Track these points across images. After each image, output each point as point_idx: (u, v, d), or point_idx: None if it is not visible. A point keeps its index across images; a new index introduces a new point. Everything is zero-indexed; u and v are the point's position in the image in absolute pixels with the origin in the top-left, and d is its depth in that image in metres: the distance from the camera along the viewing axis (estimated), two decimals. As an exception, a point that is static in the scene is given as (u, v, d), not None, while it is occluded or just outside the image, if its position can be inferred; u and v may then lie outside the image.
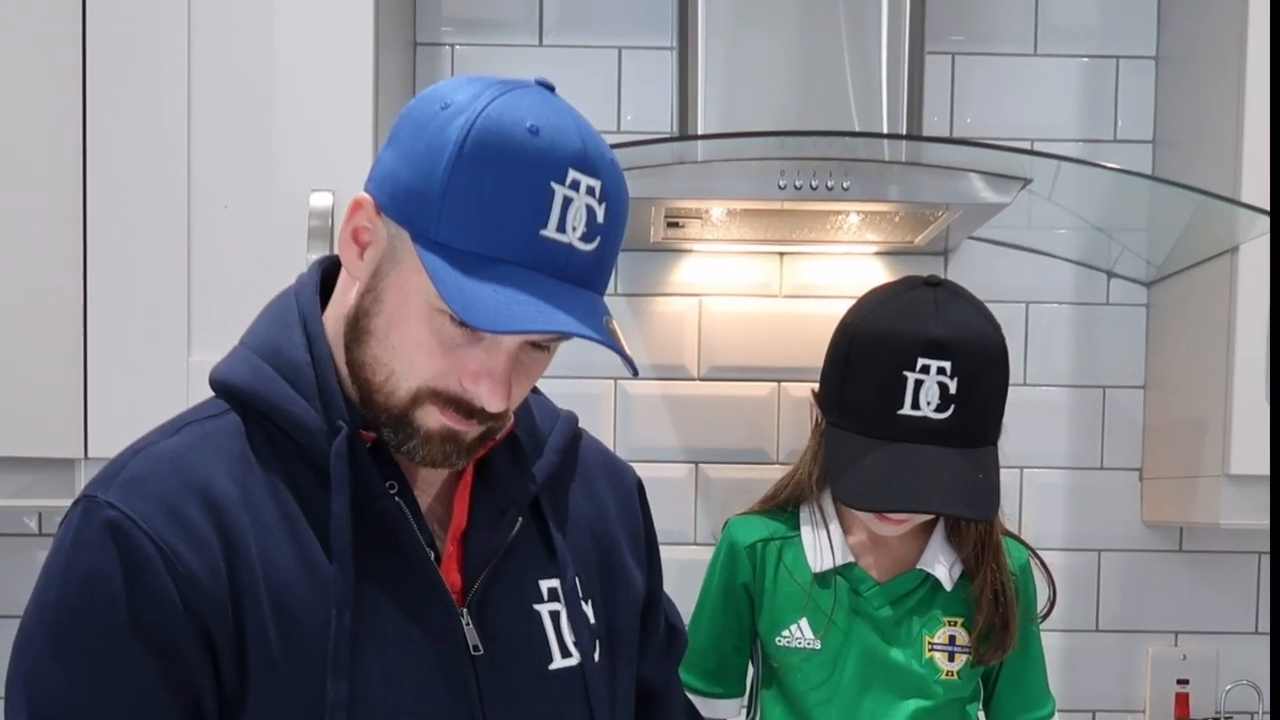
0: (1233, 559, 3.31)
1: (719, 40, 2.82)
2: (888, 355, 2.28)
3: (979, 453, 2.31)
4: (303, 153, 2.62)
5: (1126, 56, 3.27)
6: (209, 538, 1.62)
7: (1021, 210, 2.88)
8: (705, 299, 3.27)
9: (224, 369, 1.77)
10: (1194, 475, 2.96)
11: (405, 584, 1.71)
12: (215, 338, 2.51)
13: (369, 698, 1.65)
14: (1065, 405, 3.30)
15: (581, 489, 1.98)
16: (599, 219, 1.61)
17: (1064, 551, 3.28)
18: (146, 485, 1.63)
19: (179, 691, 1.61)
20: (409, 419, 1.67)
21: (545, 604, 1.83)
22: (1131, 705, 3.33)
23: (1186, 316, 3.06)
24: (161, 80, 2.60)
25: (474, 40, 3.23)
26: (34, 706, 1.60)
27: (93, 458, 2.60)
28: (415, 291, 1.60)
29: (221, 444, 1.70)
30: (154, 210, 2.61)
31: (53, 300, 2.56)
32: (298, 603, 1.64)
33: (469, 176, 1.55)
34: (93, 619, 1.59)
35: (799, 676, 2.46)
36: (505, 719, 1.74)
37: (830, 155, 2.63)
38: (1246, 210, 2.62)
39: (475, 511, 1.82)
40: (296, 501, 1.69)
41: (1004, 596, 2.44)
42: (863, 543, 2.47)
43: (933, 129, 3.23)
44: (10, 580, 3.12)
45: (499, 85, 1.61)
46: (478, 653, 1.74)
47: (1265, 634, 3.29)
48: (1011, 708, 2.57)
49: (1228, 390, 2.80)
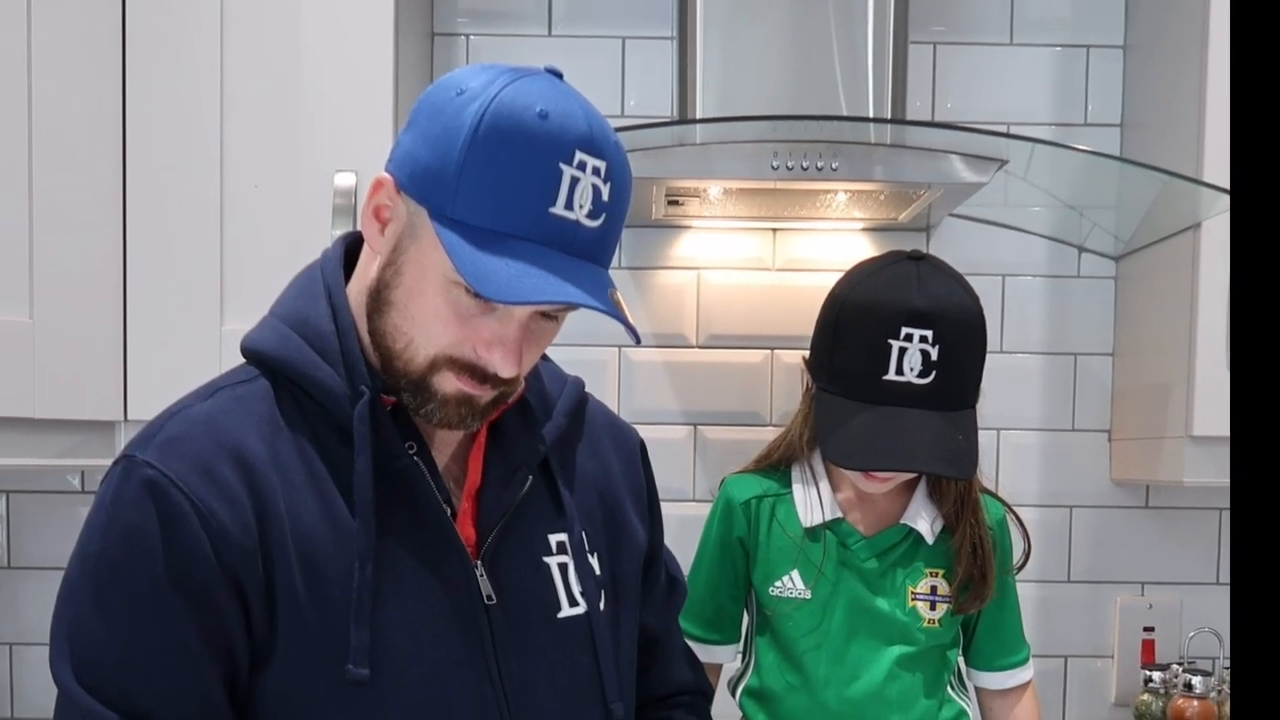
0: (1195, 515, 3.31)
1: (716, 30, 2.82)
2: (873, 324, 2.27)
3: (959, 415, 2.31)
4: (327, 135, 2.62)
5: (1096, 46, 3.27)
6: (240, 495, 1.63)
7: (998, 189, 2.88)
8: (703, 272, 3.27)
9: (254, 337, 1.78)
10: (1159, 436, 2.96)
11: (423, 538, 1.72)
12: (246, 308, 2.51)
13: (389, 644, 1.66)
14: (1039, 371, 3.30)
15: (588, 449, 1.99)
16: (604, 197, 1.62)
17: (1038, 508, 3.28)
18: (182, 446, 1.64)
19: (213, 639, 1.62)
20: (427, 384, 1.67)
21: (554, 556, 1.84)
22: (1101, 651, 3.33)
23: (1152, 288, 3.06)
24: (196, 69, 2.60)
25: (487, 31, 3.22)
26: (76, 653, 1.61)
27: (132, 420, 2.60)
28: (433, 265, 1.61)
29: (252, 407, 1.70)
30: (188, 190, 2.61)
31: (95, 274, 2.56)
32: (323, 555, 1.65)
33: (483, 158, 1.55)
34: (132, 571, 1.59)
35: (791, 624, 2.46)
36: (516, 664, 1.75)
37: (820, 138, 2.62)
38: (1208, 189, 2.62)
39: (488, 470, 1.82)
40: (322, 461, 1.69)
41: (982, 549, 2.44)
42: (850, 499, 2.47)
43: (915, 113, 3.23)
44: (54, 535, 3.15)
45: (511, 73, 1.62)
46: (491, 602, 1.74)
47: (1225, 585, 3.28)
48: (989, 653, 2.57)
49: (1191, 357, 2.80)
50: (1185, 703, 3.05)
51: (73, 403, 2.51)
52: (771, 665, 2.50)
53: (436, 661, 1.69)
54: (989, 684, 2.59)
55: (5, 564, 3.18)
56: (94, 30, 2.55)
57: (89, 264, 2.55)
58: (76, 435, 2.55)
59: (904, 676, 2.43)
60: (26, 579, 3.18)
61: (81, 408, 2.53)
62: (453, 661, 1.70)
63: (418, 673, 1.68)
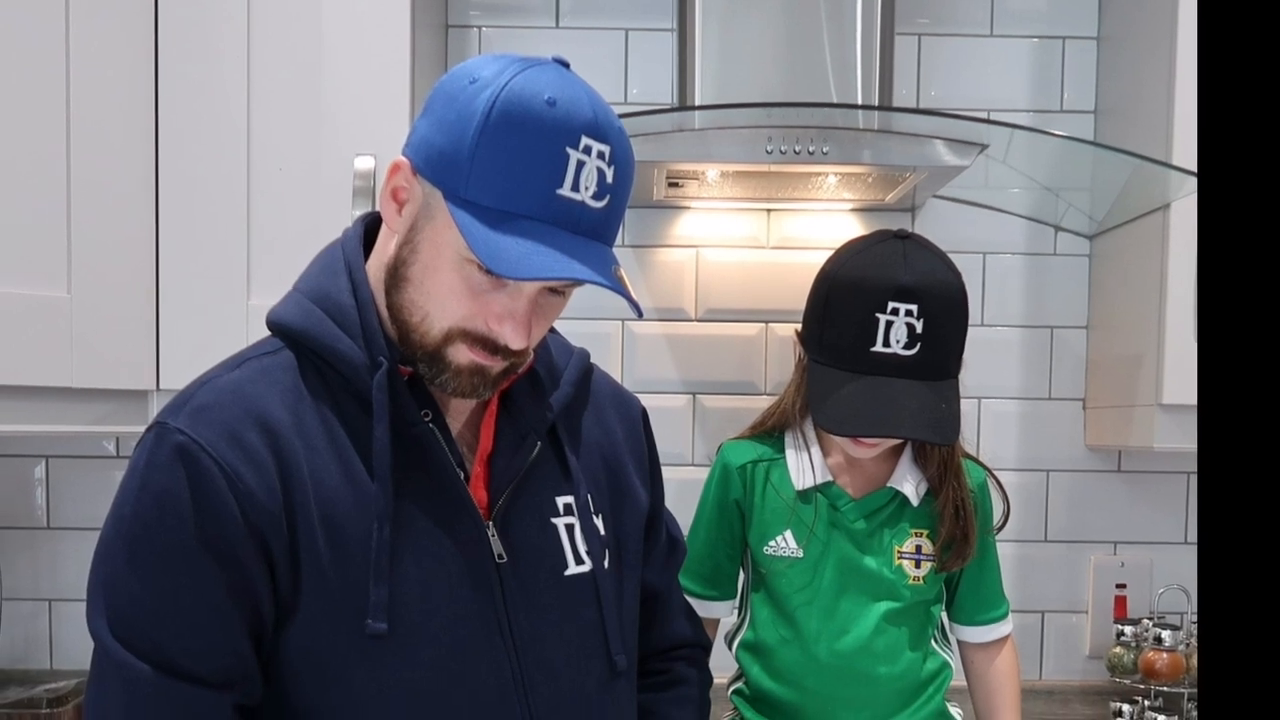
0: (1165, 478, 3.31)
1: (714, 22, 2.81)
2: (862, 299, 2.27)
3: (942, 385, 2.31)
4: (348, 121, 2.61)
5: (1071, 37, 3.26)
6: (266, 460, 1.63)
7: (979, 172, 2.87)
8: (702, 250, 3.26)
9: (279, 311, 1.78)
10: (1131, 404, 2.96)
11: (438, 500, 1.72)
12: (271, 284, 2.52)
13: (406, 600, 1.67)
14: (1018, 343, 3.30)
15: (593, 417, 1.99)
16: (608, 180, 1.62)
17: (1017, 472, 3.28)
18: (211, 413, 1.64)
19: (240, 595, 1.63)
20: (441, 355, 1.68)
21: (561, 518, 1.84)
22: (1076, 606, 3.33)
23: (1124, 265, 3.05)
24: (224, 60, 2.60)
25: (498, 23, 3.21)
26: (112, 609, 1.62)
27: (163, 389, 2.60)
28: (447, 243, 1.62)
29: (277, 377, 1.71)
30: (217, 172, 2.60)
31: (129, 252, 2.56)
32: (344, 517, 1.65)
33: (494, 142, 1.56)
34: (164, 531, 1.60)
35: (784, 581, 2.46)
36: (526, 618, 1.76)
37: (811, 124, 2.62)
38: (1177, 172, 2.62)
39: (499, 437, 1.83)
40: (343, 428, 1.70)
41: (964, 511, 2.45)
42: (840, 464, 2.47)
43: (901, 101, 3.22)
44: (91, 497, 3.16)
45: (520, 62, 1.62)
46: (502, 560, 1.75)
47: (1193, 544, 3.29)
48: (970, 608, 2.57)
49: (1160, 329, 2.80)
50: (1155, 655, 3.05)
51: (108, 373, 2.51)
52: (766, 620, 2.50)
53: (451, 616, 1.70)
54: (970, 638, 2.60)
55: (44, 525, 3.18)
56: (128, 24, 2.55)
57: (123, 243, 2.54)
58: (111, 403, 2.55)
59: (890, 631, 2.43)
60: (64, 539, 3.18)
61: (116, 378, 2.53)
62: (466, 616, 1.71)
63: (433, 627, 1.68)
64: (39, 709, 2.83)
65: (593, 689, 1.83)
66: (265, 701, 1.70)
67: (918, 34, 3.26)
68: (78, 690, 2.94)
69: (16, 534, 3.17)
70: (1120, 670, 3.15)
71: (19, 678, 3.07)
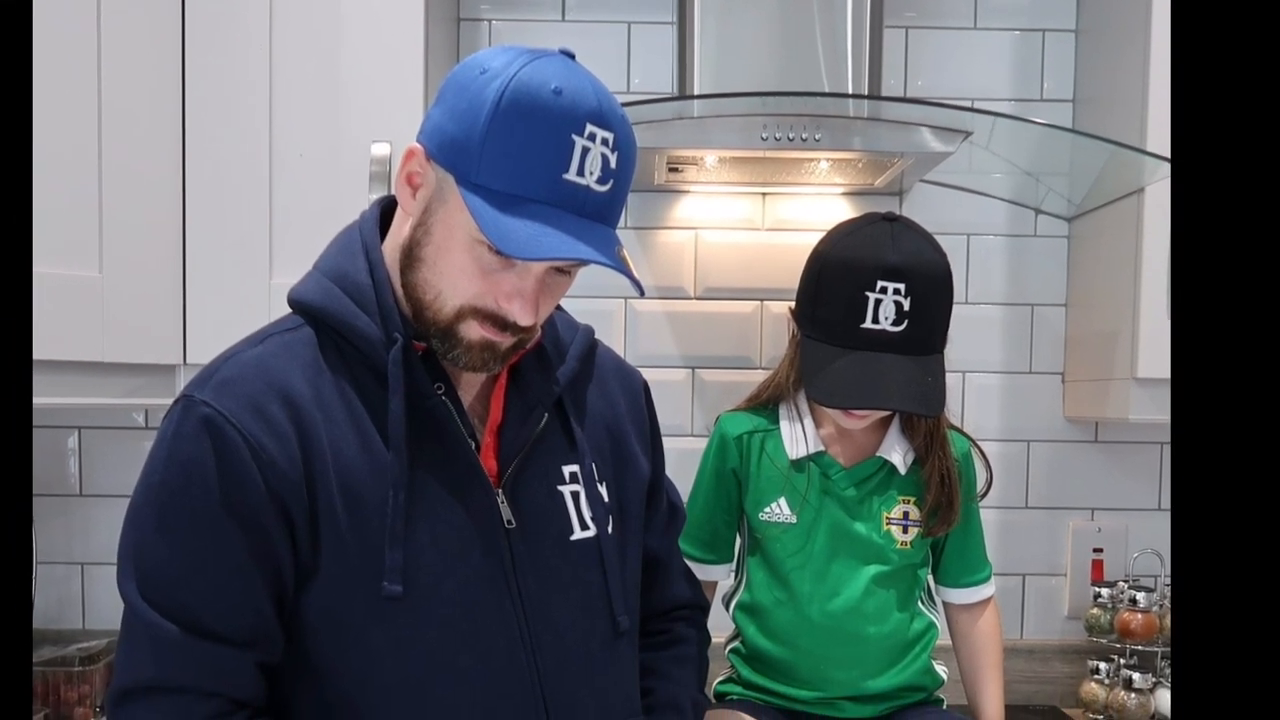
0: (1140, 448, 3.30)
1: (712, 16, 2.81)
2: (852, 278, 2.27)
3: (928, 359, 2.31)
4: (365, 110, 2.61)
5: (1051, 30, 3.25)
6: (287, 431, 1.64)
7: (963, 158, 2.87)
8: (700, 231, 3.26)
9: (300, 290, 1.79)
10: (1107, 378, 2.96)
11: (451, 469, 1.73)
12: (292, 264, 2.51)
13: (420, 563, 1.67)
14: (1000, 320, 3.29)
15: (597, 390, 2.00)
16: (612, 165, 1.63)
17: (999, 442, 3.28)
18: (235, 387, 1.65)
19: (262, 559, 1.64)
20: (453, 331, 1.69)
21: (567, 485, 1.85)
22: (1055, 570, 3.33)
23: (1101, 246, 3.05)
24: (247, 51, 2.59)
25: (508, 16, 3.21)
26: (141, 572, 1.63)
27: (190, 363, 2.60)
28: (459, 225, 1.63)
29: (298, 352, 1.72)
30: (241, 158, 2.60)
31: (158, 234, 2.56)
32: (361, 485, 1.66)
33: (504, 129, 1.57)
34: (190, 498, 1.61)
35: (778, 546, 2.46)
36: (534, 581, 1.76)
37: (804, 112, 2.62)
38: (1151, 158, 2.62)
39: (509, 409, 1.84)
40: (360, 400, 1.71)
41: (949, 479, 2.45)
42: (831, 434, 2.47)
43: (889, 90, 3.21)
44: (121, 466, 3.16)
45: (528, 54, 1.63)
46: (511, 526, 1.76)
47: (1167, 511, 3.29)
48: (955, 571, 2.57)
49: (1135, 307, 2.79)
50: (1130, 616, 3.05)
51: (137, 348, 2.51)
52: (761, 582, 2.50)
53: (462, 579, 1.70)
54: (955, 599, 2.60)
55: (77, 492, 3.18)
56: (157, 19, 2.54)
57: (152, 225, 2.54)
58: (141, 377, 2.55)
59: (879, 593, 2.44)
60: (96, 505, 3.18)
61: (145, 352, 2.53)
62: (477, 579, 1.71)
63: (446, 589, 1.69)
64: (72, 666, 2.84)
65: (596, 647, 1.84)
66: (286, 659, 1.71)
67: (905, 27, 3.25)
68: (109, 649, 2.95)
69: (51, 501, 3.17)
70: (1097, 630, 3.15)
71: (53, 637, 3.07)
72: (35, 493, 3.14)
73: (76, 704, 2.83)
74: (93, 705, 2.84)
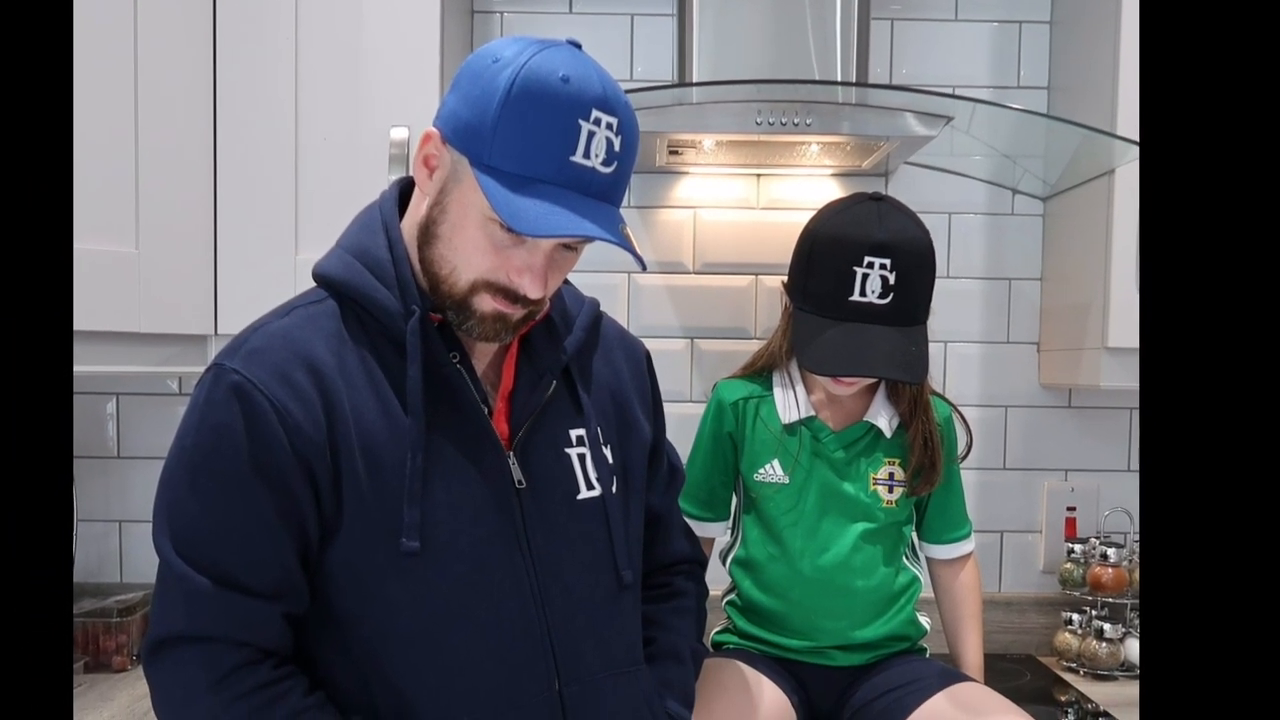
0: (1111, 413, 3.30)
1: (709, 8, 2.80)
2: (841, 254, 2.27)
3: (912, 330, 2.31)
4: (384, 96, 2.61)
5: (1027, 21, 3.24)
6: (312, 397, 1.65)
7: (945, 141, 2.87)
8: (699, 210, 3.25)
9: (323, 265, 1.79)
10: (1080, 348, 2.96)
11: (465, 432, 1.73)
12: (317, 240, 2.53)
13: (436, 521, 1.68)
14: (979, 293, 3.29)
15: (602, 358, 2.00)
16: (616, 148, 1.63)
17: (978, 407, 3.28)
18: (263, 356, 1.66)
19: (289, 518, 1.65)
20: (468, 304, 1.70)
21: (574, 448, 1.85)
22: (1031, 527, 3.33)
23: (1074, 223, 3.05)
24: (275, 39, 2.59)
25: (519, 9, 3.20)
26: (175, 529, 1.64)
27: (221, 334, 2.60)
28: (472, 204, 1.63)
29: (322, 324, 1.72)
30: (269, 141, 2.60)
31: (190, 212, 2.56)
32: (381, 448, 1.67)
33: (515, 115, 1.57)
34: (221, 460, 1.62)
35: (772, 505, 2.46)
36: (543, 537, 1.77)
37: (796, 98, 2.61)
38: (1121, 141, 2.62)
39: (519, 376, 1.84)
40: (380, 368, 1.71)
41: (932, 442, 2.45)
42: (821, 400, 2.47)
43: (876, 78, 3.21)
44: (156, 430, 3.17)
45: (538, 44, 1.63)
46: (521, 486, 1.76)
47: (1135, 472, 3.29)
48: (938, 528, 2.57)
49: (1106, 280, 2.79)
50: (1101, 570, 3.06)
51: (171, 319, 2.51)
52: (756, 539, 2.50)
53: (476, 536, 1.71)
54: (937, 555, 2.60)
55: (115, 454, 3.19)
56: (189, 9, 2.55)
57: (186, 204, 2.55)
58: (175, 346, 2.55)
59: (866, 549, 2.44)
60: (132, 467, 3.19)
61: (179, 323, 2.53)
62: (490, 536, 1.72)
63: (460, 545, 1.70)
64: (110, 618, 2.84)
65: (601, 600, 1.84)
66: (311, 611, 1.71)
67: (890, 18, 3.24)
68: (144, 601, 2.95)
69: (90, 463, 3.18)
70: (1070, 584, 3.16)
71: (92, 590, 3.08)
72: (76, 455, 3.15)
73: (114, 653, 2.84)
74: (129, 654, 2.85)
